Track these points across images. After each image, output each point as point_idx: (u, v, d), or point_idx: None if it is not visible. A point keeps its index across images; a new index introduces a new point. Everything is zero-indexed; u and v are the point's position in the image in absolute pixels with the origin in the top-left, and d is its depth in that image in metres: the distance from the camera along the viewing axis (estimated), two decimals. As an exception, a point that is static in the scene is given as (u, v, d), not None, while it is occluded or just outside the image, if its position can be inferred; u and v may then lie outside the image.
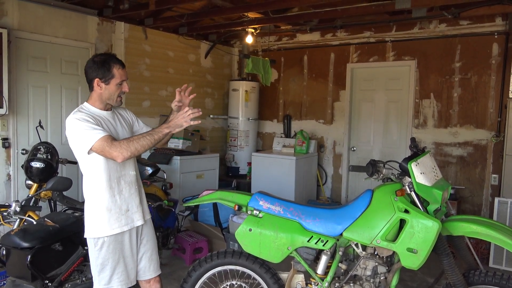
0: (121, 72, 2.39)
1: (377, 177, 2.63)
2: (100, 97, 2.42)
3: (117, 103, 2.48)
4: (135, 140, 2.27)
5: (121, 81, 2.40)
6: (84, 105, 2.44)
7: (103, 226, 2.37)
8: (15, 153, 4.74)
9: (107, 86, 2.38)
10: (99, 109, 2.44)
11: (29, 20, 4.79)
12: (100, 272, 2.40)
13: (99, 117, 2.38)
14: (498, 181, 5.35)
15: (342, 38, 6.55)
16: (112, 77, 2.37)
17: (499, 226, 2.49)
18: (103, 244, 2.37)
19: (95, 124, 2.28)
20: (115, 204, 2.39)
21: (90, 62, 2.40)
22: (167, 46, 6.43)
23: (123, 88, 2.44)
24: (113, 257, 2.39)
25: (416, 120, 6.01)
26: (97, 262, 2.39)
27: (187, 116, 2.30)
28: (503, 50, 5.32)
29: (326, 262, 2.62)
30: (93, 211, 2.39)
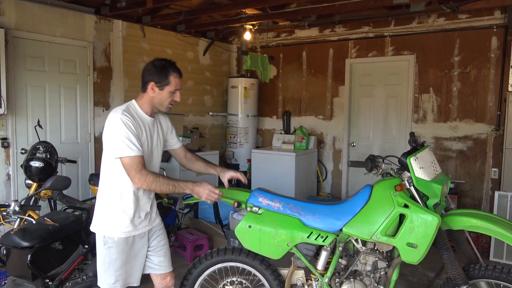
0: (177, 81, 2.40)
1: (376, 172, 2.62)
2: (150, 101, 2.41)
3: (166, 110, 2.48)
4: (160, 182, 2.27)
5: (175, 89, 2.40)
6: (133, 103, 2.43)
7: (116, 227, 2.36)
8: (14, 153, 4.74)
9: (160, 91, 2.38)
10: (145, 112, 2.42)
11: (26, 19, 4.77)
12: (106, 271, 2.39)
13: (141, 121, 2.38)
14: (498, 175, 5.34)
15: (340, 33, 6.53)
16: (168, 83, 2.37)
17: (499, 220, 2.49)
18: (112, 244, 2.36)
19: (135, 134, 2.27)
20: (132, 208, 2.38)
21: (149, 65, 2.41)
22: (165, 43, 6.42)
23: (175, 97, 2.44)
24: (121, 258, 2.38)
25: (416, 114, 6.00)
26: (104, 261, 2.38)
27: (211, 197, 2.36)
28: (502, 44, 5.30)
29: (326, 257, 2.62)
30: (109, 209, 2.38)
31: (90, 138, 5.52)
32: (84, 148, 5.48)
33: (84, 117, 5.45)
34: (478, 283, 2.56)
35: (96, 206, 2.46)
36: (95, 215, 2.44)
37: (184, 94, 6.75)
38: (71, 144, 5.32)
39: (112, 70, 5.72)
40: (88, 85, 5.45)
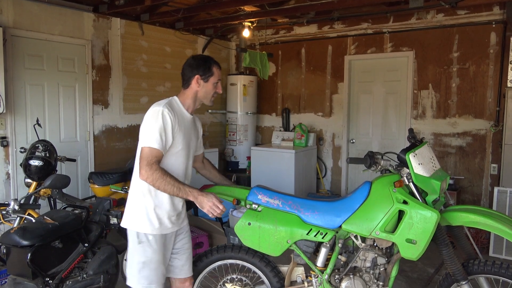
0: (219, 72, 2.44)
1: (375, 168, 2.62)
2: (194, 95, 2.43)
3: (211, 103, 2.51)
4: (166, 181, 2.21)
5: (218, 80, 2.44)
6: (175, 99, 2.43)
7: (151, 223, 2.33)
8: (14, 152, 4.74)
9: (205, 83, 2.41)
10: (186, 108, 2.43)
11: (25, 17, 4.76)
12: (141, 271, 2.34)
13: (182, 117, 2.38)
14: (497, 170, 5.35)
15: (339, 30, 6.52)
16: (211, 75, 2.41)
17: (498, 216, 2.49)
18: (146, 242, 2.33)
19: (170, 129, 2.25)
20: (165, 206, 2.36)
21: (190, 60, 2.46)
22: (164, 41, 6.41)
23: (217, 89, 2.46)
24: (157, 257, 2.35)
25: (415, 111, 6.00)
26: (139, 260, 2.34)
27: (214, 211, 2.28)
28: (501, 39, 5.30)
29: (326, 254, 2.62)
30: (143, 205, 2.34)
31: (90, 136, 5.52)
32: (84, 147, 5.48)
33: (83, 115, 5.45)
34: (477, 278, 2.57)
35: (128, 201, 2.42)
36: (128, 211, 2.40)
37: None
38: (70, 142, 5.32)
39: (111, 68, 5.71)
40: (87, 83, 5.44)
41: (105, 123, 5.70)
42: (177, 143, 2.32)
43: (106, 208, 3.89)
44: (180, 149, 2.36)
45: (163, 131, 2.23)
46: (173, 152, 2.33)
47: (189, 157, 2.47)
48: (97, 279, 3.00)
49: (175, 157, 2.35)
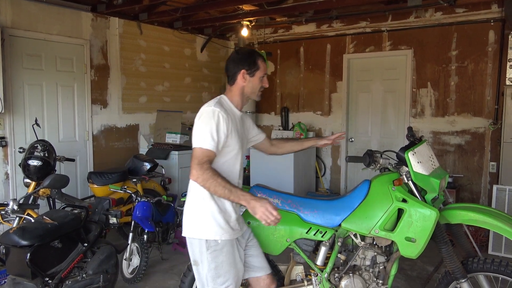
0: (264, 65, 2.35)
1: (374, 167, 2.62)
2: (241, 91, 2.33)
3: (258, 98, 2.41)
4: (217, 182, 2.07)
5: (264, 74, 2.35)
6: (223, 97, 2.33)
7: (215, 228, 2.21)
8: (12, 152, 4.73)
9: (251, 78, 2.31)
10: (235, 106, 2.33)
11: (23, 17, 4.76)
12: (215, 278, 2.23)
13: (232, 115, 2.27)
14: (496, 168, 5.35)
15: (338, 29, 6.52)
16: (257, 69, 2.31)
17: (497, 214, 2.50)
18: (215, 247, 2.22)
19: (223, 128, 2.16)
20: (228, 208, 2.25)
21: (233, 55, 2.36)
22: (162, 40, 6.40)
23: (264, 83, 2.37)
24: (227, 262, 2.24)
25: (414, 109, 6.00)
26: (210, 267, 2.22)
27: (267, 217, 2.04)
28: (499, 37, 5.30)
29: (325, 253, 2.62)
30: (205, 211, 2.23)
31: (88, 136, 5.51)
32: (82, 147, 5.47)
33: (82, 115, 5.44)
34: (476, 276, 2.57)
35: (187, 208, 2.31)
36: (189, 219, 2.28)
37: (182, 91, 6.76)
38: (69, 142, 5.31)
39: (109, 68, 5.70)
40: (86, 83, 5.44)
41: (104, 123, 5.70)
42: (232, 144, 2.23)
43: (105, 208, 3.90)
44: (237, 150, 2.27)
45: (215, 131, 2.13)
46: (229, 153, 2.25)
47: (242, 156, 2.36)
48: (97, 279, 3.01)
49: (232, 159, 2.27)
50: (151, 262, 4.26)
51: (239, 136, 2.29)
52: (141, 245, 3.94)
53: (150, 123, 6.27)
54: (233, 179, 2.26)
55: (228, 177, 2.18)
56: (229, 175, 2.22)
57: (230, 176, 2.23)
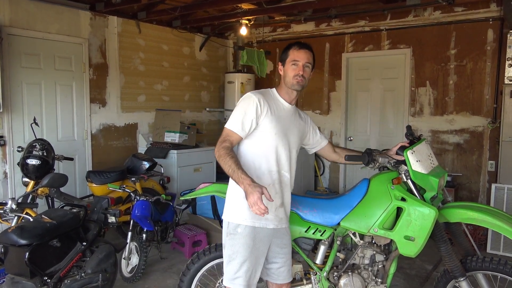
0: (297, 53, 2.34)
1: (373, 166, 2.62)
2: (283, 82, 2.40)
3: (294, 86, 2.34)
4: (225, 160, 2.14)
5: (293, 60, 2.33)
6: (272, 89, 2.43)
7: (239, 213, 2.27)
8: (11, 151, 4.72)
9: (284, 68, 2.38)
10: (283, 98, 2.39)
11: (21, 16, 4.74)
12: (227, 265, 2.32)
13: (277, 104, 2.34)
14: (495, 167, 5.36)
15: (336, 27, 6.52)
16: (287, 57, 2.36)
17: (496, 212, 2.50)
18: (235, 232, 2.26)
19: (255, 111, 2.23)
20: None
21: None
22: (161, 39, 6.39)
23: (296, 70, 2.33)
24: (243, 252, 2.26)
25: (412, 108, 6.00)
26: (226, 252, 2.31)
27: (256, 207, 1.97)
28: (498, 36, 5.30)
29: (324, 251, 2.63)
30: (233, 194, 2.31)
31: (87, 135, 5.50)
32: (81, 145, 5.47)
33: (81, 114, 5.43)
34: (475, 275, 2.58)
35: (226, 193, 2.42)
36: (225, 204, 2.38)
37: (181, 90, 6.76)
38: (68, 141, 5.30)
39: (108, 67, 5.69)
40: (84, 82, 5.43)
41: (102, 122, 5.69)
42: (266, 126, 2.26)
43: (104, 207, 3.90)
44: (271, 133, 2.27)
45: (244, 115, 2.23)
46: (261, 135, 2.27)
47: (286, 145, 2.34)
48: (95, 278, 3.00)
49: (265, 140, 2.28)
50: (150, 261, 4.26)
51: (280, 123, 2.31)
52: (140, 244, 3.94)
53: (149, 122, 6.26)
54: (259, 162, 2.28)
55: (255, 159, 2.26)
56: (256, 158, 2.27)
57: (257, 159, 2.27)
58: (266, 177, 2.28)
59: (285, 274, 2.46)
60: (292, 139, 2.39)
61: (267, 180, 2.28)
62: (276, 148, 2.30)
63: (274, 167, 2.31)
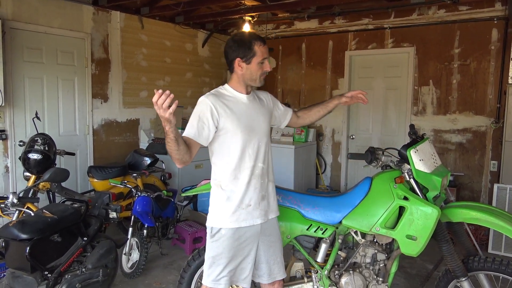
0: (262, 49, 2.22)
1: (376, 164, 2.62)
2: (241, 79, 2.26)
3: (260, 83, 2.29)
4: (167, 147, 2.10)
5: (263, 59, 2.23)
6: (224, 86, 2.31)
7: (220, 217, 2.23)
8: (13, 145, 4.72)
9: (248, 65, 2.22)
10: (239, 91, 2.28)
11: (24, 10, 4.73)
12: (210, 266, 2.25)
13: (234, 101, 2.24)
14: (497, 167, 5.34)
15: (340, 25, 6.49)
16: (254, 55, 2.20)
17: (498, 212, 2.49)
18: (218, 236, 2.22)
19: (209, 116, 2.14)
20: (236, 196, 2.22)
21: (230, 42, 2.25)
22: (163, 35, 6.37)
23: (265, 67, 2.26)
24: (227, 254, 2.21)
25: (415, 107, 5.98)
26: (209, 255, 2.26)
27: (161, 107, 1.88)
28: (503, 36, 5.28)
29: (326, 250, 2.62)
30: (214, 199, 2.28)
31: (89, 130, 5.50)
32: (83, 140, 5.46)
33: (83, 109, 5.42)
34: (477, 275, 2.57)
35: None
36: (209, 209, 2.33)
37: (183, 86, 6.74)
38: (70, 136, 5.30)
39: (110, 62, 5.68)
40: (86, 77, 5.42)
41: (104, 117, 5.68)
42: (229, 126, 2.18)
43: (105, 202, 3.89)
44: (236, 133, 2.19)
45: (198, 120, 2.16)
46: (229, 136, 2.21)
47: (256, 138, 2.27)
48: (96, 273, 3.01)
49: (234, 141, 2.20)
50: (150, 257, 4.26)
51: (244, 118, 2.23)
52: (140, 240, 3.94)
53: (150, 118, 6.25)
54: (234, 162, 2.22)
55: (229, 161, 2.22)
56: (230, 159, 2.23)
57: (231, 160, 2.23)
58: (244, 175, 2.23)
59: (276, 271, 2.40)
60: (260, 129, 2.31)
61: (246, 178, 2.23)
62: (246, 144, 2.23)
63: (248, 163, 2.24)
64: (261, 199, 2.29)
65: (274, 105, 2.53)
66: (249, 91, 2.33)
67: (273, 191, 2.40)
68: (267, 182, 2.34)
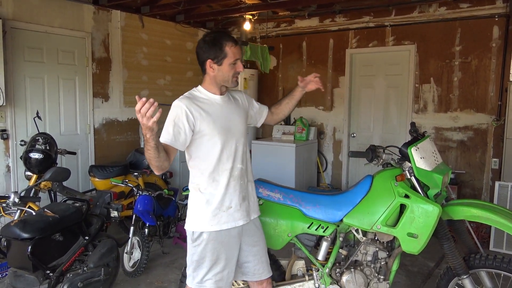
0: (234, 50, 2.18)
1: (377, 162, 2.61)
2: (213, 80, 2.23)
3: (233, 84, 2.26)
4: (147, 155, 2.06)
5: (235, 60, 2.18)
6: (198, 88, 2.27)
7: (201, 220, 2.20)
8: (14, 145, 4.73)
9: (219, 67, 2.18)
10: (213, 93, 2.24)
11: (24, 9, 4.73)
12: (195, 270, 2.23)
13: (208, 103, 2.21)
14: (499, 165, 5.33)
15: (341, 23, 6.48)
16: (225, 56, 2.16)
17: (499, 210, 2.49)
18: (200, 240, 2.20)
19: (184, 120, 2.11)
20: (216, 198, 2.20)
21: (200, 43, 2.21)
22: (164, 34, 6.37)
23: (238, 68, 2.22)
24: (211, 257, 2.20)
25: (416, 105, 5.97)
26: (192, 259, 2.23)
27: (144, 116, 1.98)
28: (504, 33, 5.26)
29: (327, 248, 2.62)
30: (193, 203, 2.24)
31: (90, 129, 5.50)
32: (84, 140, 5.47)
33: (84, 108, 5.43)
34: (478, 272, 2.57)
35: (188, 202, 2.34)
36: (187, 211, 2.29)
37: (184, 85, 6.74)
38: (71, 135, 5.30)
39: (111, 61, 5.68)
40: (87, 76, 5.42)
41: (105, 116, 5.69)
42: (205, 129, 2.15)
43: (106, 201, 3.90)
44: (213, 135, 2.16)
45: (174, 125, 2.13)
46: (206, 139, 2.17)
47: (233, 139, 2.25)
48: (98, 272, 3.01)
49: (211, 144, 2.18)
50: (152, 255, 4.26)
51: (220, 121, 2.20)
52: (142, 238, 3.95)
53: None
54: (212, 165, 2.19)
55: (207, 164, 2.18)
56: (208, 163, 2.19)
57: (209, 163, 2.19)
58: (223, 177, 2.21)
59: (262, 270, 2.39)
60: (237, 130, 2.28)
61: (225, 180, 2.21)
62: (224, 146, 2.20)
63: (227, 164, 2.22)
64: (242, 200, 2.27)
65: (249, 104, 2.51)
66: (224, 92, 2.30)
67: (253, 191, 2.40)
68: (247, 183, 2.33)
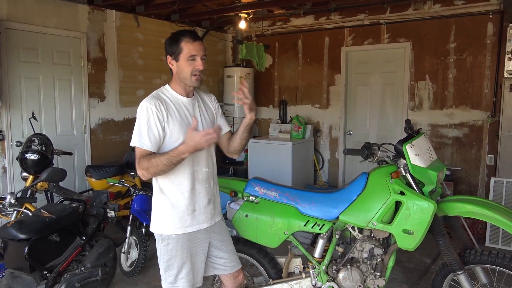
0: (191, 46, 2.09)
1: (372, 159, 2.63)
2: (176, 78, 2.18)
3: (193, 83, 2.17)
4: (154, 163, 2.01)
5: (191, 55, 2.10)
6: (165, 87, 2.22)
7: (166, 224, 2.19)
8: (10, 145, 4.71)
9: (177, 63, 2.13)
10: (179, 93, 2.19)
11: (19, 10, 4.72)
12: (166, 270, 2.24)
13: (174, 103, 2.16)
14: (494, 161, 5.36)
15: (336, 21, 6.49)
16: (180, 51, 2.10)
17: (494, 206, 2.50)
18: (169, 241, 2.19)
19: (155, 121, 2.07)
20: (181, 202, 2.17)
21: (166, 41, 2.18)
22: (159, 33, 6.35)
23: (196, 65, 2.12)
24: (180, 256, 2.19)
25: (412, 102, 5.99)
26: (163, 259, 2.23)
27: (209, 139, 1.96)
28: (498, 30, 5.28)
29: (323, 245, 2.63)
30: (158, 206, 2.22)
31: (86, 129, 5.49)
32: (80, 140, 5.46)
33: (79, 108, 5.42)
34: (473, 268, 2.59)
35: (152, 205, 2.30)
36: (152, 214, 2.27)
37: (180, 84, 6.73)
38: (67, 136, 5.29)
39: (106, 61, 5.67)
40: (83, 76, 5.41)
41: (101, 116, 5.68)
42: (172, 133, 2.11)
43: (103, 201, 3.89)
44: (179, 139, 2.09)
45: (148, 128, 2.08)
46: (171, 142, 2.11)
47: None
48: (95, 272, 3.01)
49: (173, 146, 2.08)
50: (149, 255, 4.26)
51: (186, 123, 2.15)
52: (139, 238, 3.95)
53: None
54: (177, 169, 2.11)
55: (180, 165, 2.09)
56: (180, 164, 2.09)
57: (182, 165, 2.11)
58: (187, 181, 2.18)
59: (234, 263, 2.41)
60: None
61: (189, 183, 2.18)
62: None
63: (192, 168, 2.18)
64: (207, 203, 2.26)
65: (218, 113, 2.45)
66: (190, 92, 2.24)
67: (218, 193, 2.38)
68: (212, 185, 2.31)
